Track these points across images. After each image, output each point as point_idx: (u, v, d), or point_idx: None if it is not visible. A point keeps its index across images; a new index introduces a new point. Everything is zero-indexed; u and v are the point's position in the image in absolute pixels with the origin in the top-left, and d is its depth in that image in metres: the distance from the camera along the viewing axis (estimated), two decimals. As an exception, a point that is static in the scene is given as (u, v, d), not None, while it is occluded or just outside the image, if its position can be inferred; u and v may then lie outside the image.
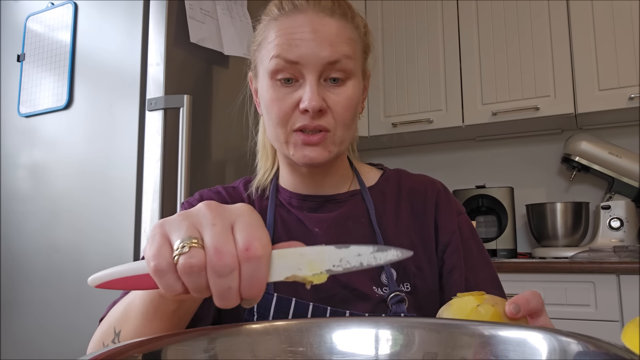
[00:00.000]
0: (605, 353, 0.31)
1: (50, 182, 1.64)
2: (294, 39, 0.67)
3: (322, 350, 0.40)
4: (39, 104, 1.68)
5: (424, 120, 2.27)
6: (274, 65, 0.68)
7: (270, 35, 0.70)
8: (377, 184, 0.81)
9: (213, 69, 1.62)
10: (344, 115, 0.69)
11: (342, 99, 0.68)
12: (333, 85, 0.68)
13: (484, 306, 0.48)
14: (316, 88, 0.67)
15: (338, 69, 0.68)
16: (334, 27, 0.68)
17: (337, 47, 0.67)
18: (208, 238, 0.38)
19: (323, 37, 0.67)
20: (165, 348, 0.38)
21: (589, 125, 2.24)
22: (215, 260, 0.37)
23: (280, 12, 0.70)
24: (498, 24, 2.18)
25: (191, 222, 0.39)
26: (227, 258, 0.37)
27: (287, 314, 0.68)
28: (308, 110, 0.66)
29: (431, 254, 0.75)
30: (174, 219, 0.40)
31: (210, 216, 0.39)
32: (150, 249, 0.39)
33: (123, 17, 1.55)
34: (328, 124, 0.68)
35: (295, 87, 0.68)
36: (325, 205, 0.77)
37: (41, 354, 1.55)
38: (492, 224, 2.23)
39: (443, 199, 0.79)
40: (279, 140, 0.71)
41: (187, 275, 0.37)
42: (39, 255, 1.62)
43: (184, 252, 0.37)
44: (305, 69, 0.67)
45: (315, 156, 0.68)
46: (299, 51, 0.66)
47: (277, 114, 0.69)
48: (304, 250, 0.39)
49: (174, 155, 1.43)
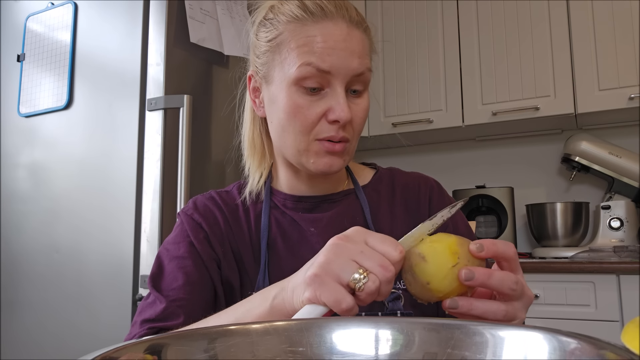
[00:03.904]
0: (605, 353, 0.31)
1: (50, 182, 1.64)
2: (327, 47, 0.65)
3: (322, 350, 0.40)
4: (39, 104, 1.68)
5: (424, 120, 2.27)
6: (303, 72, 0.65)
7: (295, 39, 0.67)
8: (371, 183, 0.81)
9: (213, 69, 1.62)
10: (361, 126, 0.70)
11: (361, 109, 0.69)
12: (353, 96, 0.69)
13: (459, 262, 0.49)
14: (345, 99, 0.67)
15: (361, 81, 0.68)
16: (360, 38, 0.68)
17: (363, 59, 0.68)
18: (368, 263, 0.48)
19: (353, 48, 0.66)
20: (165, 348, 0.38)
21: (589, 125, 2.24)
22: (386, 274, 0.47)
23: (306, 14, 0.67)
24: (498, 24, 2.18)
25: (346, 259, 0.48)
26: (391, 268, 0.48)
27: None
28: (338, 121, 0.66)
29: None
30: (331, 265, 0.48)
31: (354, 247, 0.49)
32: (329, 296, 0.47)
33: (123, 17, 1.55)
34: (349, 135, 0.69)
35: (321, 96, 0.67)
36: (320, 205, 0.77)
37: (41, 354, 1.55)
38: (492, 224, 2.23)
39: (436, 194, 0.80)
40: (298, 148, 0.69)
41: (370, 296, 0.47)
42: (39, 255, 1.62)
43: (365, 282, 0.47)
44: (335, 79, 0.66)
45: (335, 164, 0.69)
46: (332, 61, 0.65)
47: (302, 123, 0.67)
48: (411, 233, 0.52)
49: (174, 155, 1.43)
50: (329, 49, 0.65)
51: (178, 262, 0.73)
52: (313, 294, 0.47)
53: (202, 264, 0.73)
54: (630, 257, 1.72)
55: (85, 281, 1.51)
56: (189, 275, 0.71)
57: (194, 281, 0.71)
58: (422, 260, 0.49)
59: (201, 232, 0.75)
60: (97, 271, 1.49)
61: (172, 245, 0.75)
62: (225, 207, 0.78)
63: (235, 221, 0.77)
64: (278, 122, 0.71)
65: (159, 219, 1.40)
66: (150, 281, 0.73)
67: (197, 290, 0.71)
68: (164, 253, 0.75)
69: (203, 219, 0.76)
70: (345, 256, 0.48)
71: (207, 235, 0.75)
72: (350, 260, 0.48)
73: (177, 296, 0.70)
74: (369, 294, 0.47)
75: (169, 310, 0.69)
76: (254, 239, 0.76)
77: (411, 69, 2.33)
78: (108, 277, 1.46)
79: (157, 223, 1.40)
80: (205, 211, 0.77)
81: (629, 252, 1.75)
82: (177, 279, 0.71)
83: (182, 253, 0.73)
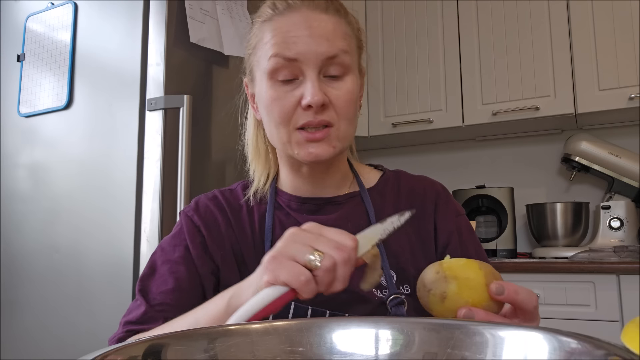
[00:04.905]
0: (605, 353, 0.31)
1: (50, 182, 1.64)
2: (290, 36, 0.67)
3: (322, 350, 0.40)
4: (39, 104, 1.68)
5: (424, 120, 2.27)
6: (272, 64, 0.67)
7: (265, 36, 0.69)
8: (377, 186, 0.80)
9: (213, 69, 1.62)
10: (346, 108, 0.69)
11: (343, 92, 0.68)
12: (332, 80, 0.68)
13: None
14: (317, 83, 0.66)
15: (336, 64, 0.67)
16: (330, 22, 0.68)
17: (334, 42, 0.67)
18: (322, 246, 0.49)
19: (320, 33, 0.67)
20: (165, 348, 0.38)
21: (589, 125, 2.24)
22: (341, 254, 0.49)
23: (274, 12, 0.70)
24: (498, 24, 2.18)
25: (302, 244, 0.50)
26: (346, 249, 0.49)
27: (286, 317, 0.68)
28: (311, 106, 0.66)
29: (430, 256, 0.75)
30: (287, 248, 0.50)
31: (309, 235, 0.51)
32: (286, 273, 0.48)
33: (123, 17, 1.55)
34: (331, 119, 0.68)
35: (296, 85, 0.68)
36: (324, 208, 0.77)
37: (41, 354, 1.55)
38: (492, 224, 2.23)
39: (442, 200, 0.79)
40: (282, 140, 0.70)
41: (328, 273, 0.48)
42: (39, 255, 1.62)
43: (320, 260, 0.49)
44: (304, 66, 0.66)
45: (320, 152, 0.68)
46: (297, 48, 0.66)
47: (279, 114, 0.68)
48: (363, 233, 0.54)
49: (174, 155, 1.43)
50: (294, 37, 0.67)
51: (171, 267, 0.73)
52: (271, 275, 0.49)
53: (196, 271, 0.73)
54: (630, 257, 1.72)
55: (85, 281, 1.51)
56: (180, 281, 0.72)
57: (183, 288, 0.71)
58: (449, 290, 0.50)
59: (198, 236, 0.75)
60: (97, 271, 1.49)
61: (168, 246, 0.75)
62: (227, 207, 0.78)
63: (237, 222, 0.77)
64: (264, 119, 0.73)
65: (159, 219, 1.39)
66: (140, 283, 0.73)
67: (186, 297, 0.71)
68: (158, 253, 0.75)
69: (202, 222, 0.76)
70: (301, 242, 0.50)
71: (204, 240, 0.75)
72: (306, 244, 0.50)
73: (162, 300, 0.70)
74: (326, 271, 0.48)
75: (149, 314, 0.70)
76: (257, 240, 0.76)
77: (411, 69, 2.33)
78: (108, 277, 1.46)
79: (157, 223, 1.40)
80: (205, 213, 0.77)
81: (629, 252, 1.75)
82: (166, 282, 0.72)
83: (177, 258, 0.73)
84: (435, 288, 0.50)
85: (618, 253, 1.76)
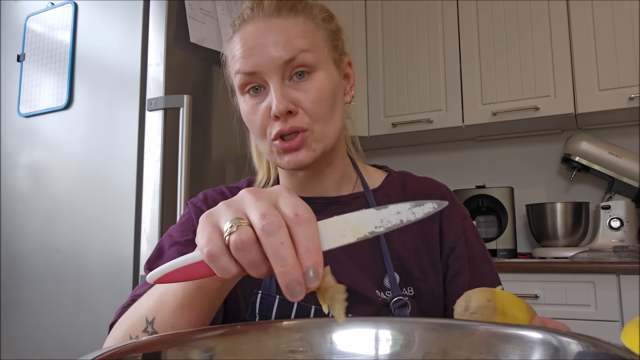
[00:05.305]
0: (605, 353, 0.31)
1: (50, 182, 1.64)
2: (246, 49, 0.67)
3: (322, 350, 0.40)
4: (39, 104, 1.68)
5: (424, 120, 2.27)
6: (238, 80, 0.69)
7: (230, 52, 0.71)
8: (382, 187, 0.80)
9: (213, 69, 1.62)
10: (316, 109, 0.67)
11: (311, 93, 0.67)
12: (299, 81, 0.67)
13: None
14: (280, 91, 0.65)
15: (298, 65, 0.66)
16: (281, 26, 0.67)
17: (289, 45, 0.66)
18: (253, 214, 0.39)
19: (272, 39, 0.66)
20: (165, 348, 0.38)
21: (589, 125, 2.24)
22: (263, 223, 0.37)
23: (233, 29, 0.71)
24: (498, 24, 2.18)
25: (236, 207, 0.40)
26: (272, 217, 0.38)
27: (289, 317, 0.68)
28: (278, 116, 0.66)
29: (435, 259, 0.75)
30: (219, 208, 0.41)
31: (253, 198, 0.40)
32: (201, 238, 0.40)
33: (123, 17, 1.55)
34: (302, 123, 0.67)
35: (264, 96, 0.68)
36: (328, 207, 0.76)
37: (41, 354, 1.55)
38: (492, 224, 2.23)
39: (448, 204, 0.78)
40: (265, 151, 0.71)
41: (240, 251, 0.38)
42: (39, 255, 1.62)
43: (233, 231, 0.38)
44: (265, 76, 0.67)
45: (301, 158, 0.67)
46: (253, 60, 0.66)
47: (255, 127, 0.69)
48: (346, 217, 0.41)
49: (174, 155, 1.43)
50: (249, 50, 0.67)
51: (179, 248, 0.72)
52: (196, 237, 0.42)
53: None
54: (630, 257, 1.72)
55: (85, 281, 1.51)
56: None
57: None
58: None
59: None
60: (97, 271, 1.49)
61: (176, 232, 0.75)
62: None
63: None
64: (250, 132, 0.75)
65: (159, 219, 1.40)
66: (147, 264, 0.73)
67: None
68: (166, 239, 0.75)
69: None
70: (238, 205, 0.41)
71: None
72: (238, 209, 0.40)
73: None
74: (236, 245, 0.38)
75: None
76: None
77: (411, 69, 2.33)
78: (108, 277, 1.46)
79: (157, 223, 1.40)
80: (214, 205, 0.77)
81: (629, 252, 1.75)
82: None
83: (184, 241, 0.73)
84: (481, 315, 0.49)
85: (618, 253, 1.76)
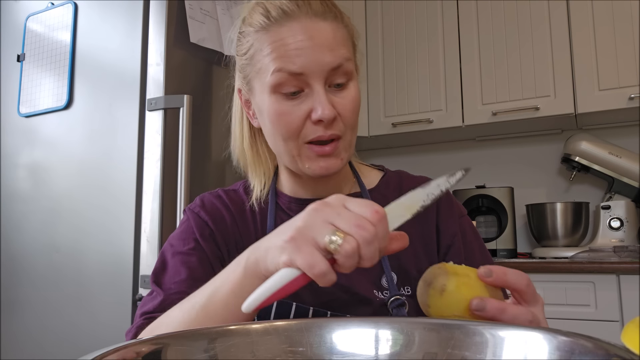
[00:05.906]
0: (605, 353, 0.31)
1: (50, 182, 1.64)
2: (292, 49, 0.64)
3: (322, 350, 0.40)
4: (39, 104, 1.68)
5: (424, 120, 2.27)
6: (276, 79, 0.65)
7: (263, 47, 0.67)
8: (378, 187, 0.80)
9: (213, 69, 1.62)
10: (353, 118, 0.68)
11: (349, 102, 0.67)
12: (337, 89, 0.67)
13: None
14: (326, 96, 0.65)
15: (342, 73, 0.66)
16: (330, 30, 0.66)
17: (337, 52, 0.65)
18: (343, 224, 0.45)
19: (322, 42, 0.65)
20: (165, 348, 0.38)
21: (589, 125, 2.24)
22: (363, 233, 0.44)
23: (269, 20, 0.66)
24: (498, 24, 2.18)
25: (323, 221, 0.46)
26: (368, 227, 0.44)
27: (288, 318, 0.68)
28: (322, 121, 0.65)
29: (433, 257, 0.75)
30: (306, 227, 0.46)
31: (330, 210, 0.46)
32: (302, 260, 0.44)
33: (123, 17, 1.55)
34: (339, 131, 0.67)
35: (302, 98, 0.66)
36: None
37: (42, 354, 1.55)
38: (492, 224, 2.23)
39: (444, 201, 0.78)
40: (290, 153, 0.69)
41: (348, 259, 0.44)
42: (39, 255, 1.62)
43: (340, 243, 0.44)
44: (310, 79, 0.65)
45: (330, 165, 0.67)
46: (301, 61, 0.64)
47: (287, 128, 0.66)
48: (400, 200, 0.49)
49: (174, 155, 1.43)
50: (297, 50, 0.64)
51: (182, 258, 0.72)
52: (288, 257, 0.46)
53: (207, 260, 0.73)
54: (630, 257, 1.72)
55: (85, 281, 1.51)
56: (193, 270, 0.71)
57: (197, 277, 0.70)
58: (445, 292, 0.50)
59: (207, 229, 0.75)
60: (97, 271, 1.49)
61: (177, 241, 0.75)
62: (232, 206, 0.78)
63: (242, 220, 0.77)
64: (268, 131, 0.71)
65: (159, 219, 1.40)
66: (153, 277, 0.73)
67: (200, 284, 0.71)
68: (167, 249, 0.75)
69: (209, 217, 0.76)
70: (322, 219, 0.46)
71: (212, 232, 0.75)
72: (327, 222, 0.46)
73: (178, 289, 0.70)
74: (346, 256, 0.44)
75: (167, 302, 0.68)
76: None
77: (411, 69, 2.33)
78: (108, 277, 1.46)
79: (157, 223, 1.40)
80: (212, 209, 0.77)
81: (629, 252, 1.75)
82: (179, 273, 0.71)
83: (187, 249, 0.73)
84: (436, 282, 0.51)
85: (618, 253, 1.76)
